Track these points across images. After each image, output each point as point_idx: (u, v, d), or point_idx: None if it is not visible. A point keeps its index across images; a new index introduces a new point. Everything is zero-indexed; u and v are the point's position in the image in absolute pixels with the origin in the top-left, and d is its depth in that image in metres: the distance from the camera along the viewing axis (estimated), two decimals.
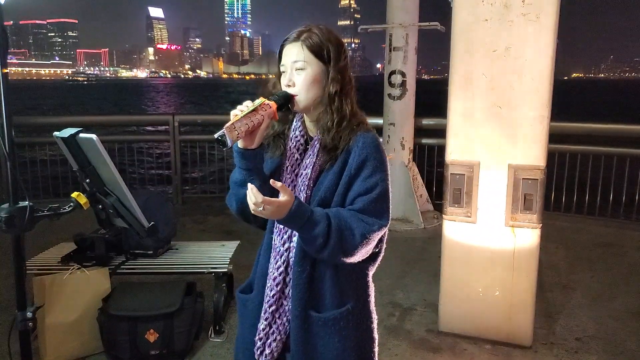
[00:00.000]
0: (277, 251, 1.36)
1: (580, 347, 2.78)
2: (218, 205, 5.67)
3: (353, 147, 1.29)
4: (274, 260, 1.36)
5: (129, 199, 1.30)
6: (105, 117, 7.19)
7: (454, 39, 2.70)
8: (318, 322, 1.32)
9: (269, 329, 1.35)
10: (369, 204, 1.26)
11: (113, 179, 1.26)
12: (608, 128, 5.21)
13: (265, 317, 1.35)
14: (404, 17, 4.81)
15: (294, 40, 1.31)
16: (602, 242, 4.48)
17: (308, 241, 1.24)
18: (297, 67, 1.30)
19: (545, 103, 2.56)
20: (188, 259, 3.05)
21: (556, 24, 2.50)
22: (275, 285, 1.34)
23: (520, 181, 2.64)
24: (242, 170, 1.30)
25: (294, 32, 1.33)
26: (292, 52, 1.31)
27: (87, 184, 1.28)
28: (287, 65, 1.32)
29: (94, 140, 1.22)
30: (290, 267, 1.34)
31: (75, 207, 1.26)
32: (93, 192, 1.28)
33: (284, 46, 1.34)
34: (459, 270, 2.85)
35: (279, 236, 1.36)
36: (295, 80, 1.30)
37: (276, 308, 1.35)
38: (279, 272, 1.34)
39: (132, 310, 2.60)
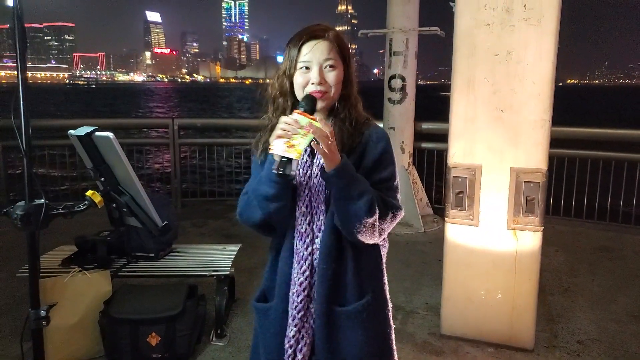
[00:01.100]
0: (300, 255, 1.35)
1: (582, 350, 2.78)
2: (217, 208, 5.67)
3: (367, 141, 1.33)
4: (298, 265, 1.35)
5: (144, 198, 1.30)
6: (103, 120, 7.18)
7: (456, 43, 2.72)
8: (342, 316, 1.33)
9: (298, 334, 1.35)
10: (388, 191, 1.34)
11: (128, 178, 1.26)
12: (606, 133, 5.24)
13: (294, 324, 1.34)
14: (405, 22, 4.84)
15: (323, 37, 1.30)
16: (601, 246, 4.49)
17: (353, 199, 1.23)
18: (330, 64, 1.30)
19: (546, 107, 2.58)
20: (189, 261, 3.05)
21: (557, 28, 2.52)
22: (302, 290, 1.34)
23: (522, 184, 2.65)
24: (276, 184, 1.25)
25: (318, 28, 1.31)
26: (322, 49, 1.29)
27: (102, 182, 1.28)
28: (315, 61, 1.29)
29: (110, 139, 1.23)
30: (314, 269, 1.34)
31: (89, 206, 1.25)
32: (107, 191, 1.28)
33: (307, 42, 1.30)
34: (461, 273, 2.85)
35: (301, 240, 1.35)
36: (327, 77, 1.30)
37: (304, 313, 1.34)
38: (304, 277, 1.34)
39: (134, 313, 2.59)
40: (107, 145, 1.25)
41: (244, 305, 3.31)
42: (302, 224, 1.34)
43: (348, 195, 1.23)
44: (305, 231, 1.34)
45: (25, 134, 1.21)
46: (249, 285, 3.61)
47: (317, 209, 1.33)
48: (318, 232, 1.34)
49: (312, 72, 1.29)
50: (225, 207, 5.72)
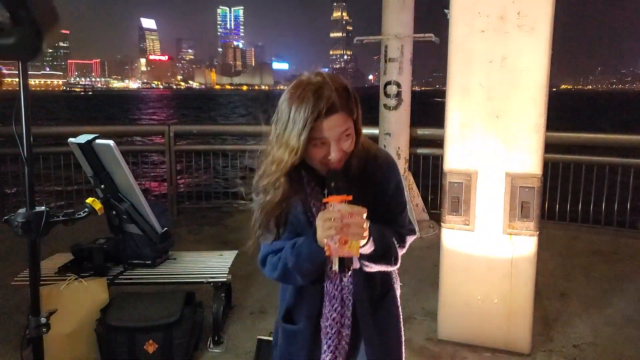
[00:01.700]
0: (331, 295, 1.38)
1: (578, 354, 2.79)
2: (213, 215, 5.67)
3: (376, 170, 1.36)
4: (330, 304, 1.38)
5: (144, 205, 1.31)
6: (99, 127, 7.17)
7: (451, 50, 2.74)
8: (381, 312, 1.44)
9: (332, 355, 1.39)
10: (403, 218, 1.43)
11: (128, 185, 1.26)
12: (599, 138, 5.29)
13: (330, 351, 1.39)
14: (400, 28, 4.87)
15: (334, 111, 1.19)
16: (596, 250, 4.52)
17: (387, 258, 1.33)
18: (346, 134, 1.23)
19: (541, 112, 2.60)
20: (186, 269, 3.04)
21: (551, 35, 2.55)
22: (335, 324, 1.38)
23: (518, 189, 2.67)
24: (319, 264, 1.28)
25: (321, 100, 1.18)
26: (338, 122, 1.21)
27: (102, 189, 1.28)
28: (333, 137, 1.21)
29: (111, 146, 1.23)
30: (343, 302, 1.38)
31: (90, 213, 1.26)
32: (107, 198, 1.28)
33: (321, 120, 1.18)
34: (458, 278, 2.87)
35: (332, 283, 1.37)
36: (344, 147, 1.24)
37: (338, 341, 1.39)
38: (337, 312, 1.38)
39: (131, 320, 2.59)
40: (108, 152, 1.26)
41: (240, 311, 3.31)
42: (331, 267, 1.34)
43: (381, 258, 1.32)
44: (334, 275, 1.36)
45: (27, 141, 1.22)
46: (246, 292, 3.61)
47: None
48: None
49: (332, 149, 1.22)
50: (221, 214, 5.71)
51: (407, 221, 1.45)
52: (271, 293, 3.58)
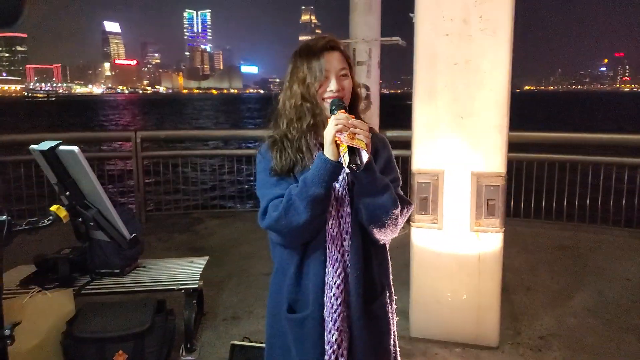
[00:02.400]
0: (334, 259, 1.37)
1: (543, 345, 2.89)
2: (183, 222, 5.59)
3: (377, 145, 1.44)
4: (333, 269, 1.36)
5: (111, 211, 1.28)
6: (63, 134, 6.96)
7: (416, 53, 2.80)
8: (372, 313, 1.42)
9: (339, 337, 1.35)
10: (398, 189, 1.46)
11: (94, 191, 1.24)
12: (560, 137, 5.49)
13: (336, 328, 1.34)
14: (367, 32, 4.93)
15: (332, 49, 1.40)
16: (559, 245, 4.68)
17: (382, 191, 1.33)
18: (344, 73, 1.40)
19: (504, 113, 2.68)
20: (156, 276, 2.99)
21: (511, 38, 2.64)
22: (340, 293, 1.35)
23: (483, 188, 2.74)
24: (327, 184, 1.28)
25: (326, 40, 1.40)
26: (336, 59, 1.39)
27: (67, 197, 1.25)
28: (332, 71, 1.39)
29: (75, 152, 1.20)
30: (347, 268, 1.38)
31: (54, 221, 1.22)
32: (73, 205, 1.25)
33: (322, 54, 1.38)
34: (428, 276, 2.92)
35: (334, 244, 1.37)
36: (344, 85, 1.40)
37: (343, 315, 1.36)
38: (340, 279, 1.36)
39: (99, 331, 2.52)
40: (72, 159, 1.23)
41: (213, 318, 3.28)
42: (333, 227, 1.37)
43: (376, 189, 1.32)
44: (336, 234, 1.37)
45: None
46: (218, 298, 3.57)
47: (343, 212, 1.38)
48: (345, 235, 1.38)
49: (331, 81, 1.39)
50: (191, 220, 5.64)
51: (402, 193, 1.48)
52: (243, 299, 3.56)
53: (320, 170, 1.27)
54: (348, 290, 1.37)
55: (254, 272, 4.04)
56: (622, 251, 4.48)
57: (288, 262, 1.42)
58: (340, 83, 1.39)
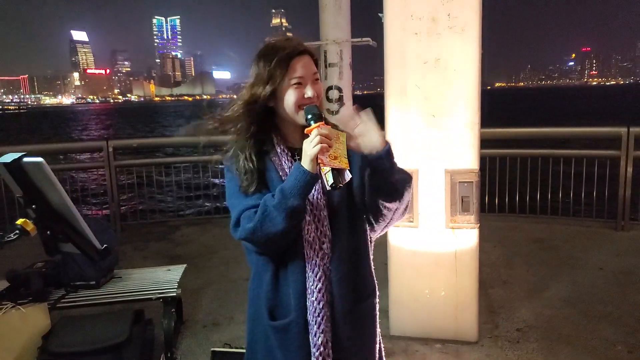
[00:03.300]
0: (313, 263, 1.34)
1: (521, 337, 2.94)
2: (159, 230, 5.51)
3: None
4: (313, 273, 1.34)
5: (80, 222, 1.25)
6: (33, 147, 6.79)
7: (387, 53, 2.82)
8: (360, 313, 1.41)
9: (323, 337, 1.34)
10: None
11: (62, 203, 1.21)
12: (532, 132, 5.61)
13: (321, 330, 1.33)
14: (337, 33, 4.94)
15: (305, 53, 1.36)
16: (534, 238, 4.77)
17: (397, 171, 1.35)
18: (315, 77, 1.38)
19: (474, 110, 2.72)
20: (133, 286, 2.94)
21: (480, 35, 2.68)
22: (322, 297, 1.33)
23: (457, 184, 2.78)
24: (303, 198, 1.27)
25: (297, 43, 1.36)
26: (309, 64, 1.36)
27: (33, 209, 1.21)
28: (307, 77, 1.35)
29: (41, 164, 1.17)
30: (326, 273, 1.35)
31: (21, 235, 1.19)
32: (40, 218, 1.22)
33: (295, 57, 1.34)
34: (406, 275, 2.94)
35: (311, 248, 1.35)
36: (317, 91, 1.37)
37: (326, 318, 1.34)
38: (321, 282, 1.33)
39: (76, 345, 2.46)
40: (38, 170, 1.19)
41: (193, 326, 3.24)
42: (310, 232, 1.35)
43: (395, 168, 1.35)
44: (313, 239, 1.34)
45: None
46: (197, 305, 3.53)
47: (320, 216, 1.36)
48: (324, 238, 1.36)
49: (307, 87, 1.35)
50: (166, 228, 5.56)
51: None
52: (223, 305, 3.52)
53: (299, 182, 1.26)
54: (331, 291, 1.35)
55: (234, 277, 4.01)
56: (594, 242, 4.60)
57: (264, 269, 1.40)
58: (315, 88, 1.37)
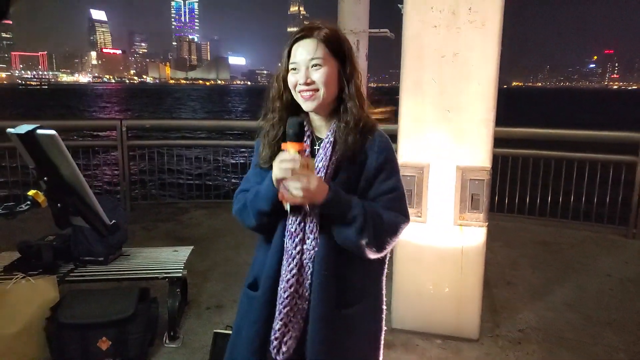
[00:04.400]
0: (289, 254, 1.35)
1: (522, 338, 2.94)
2: (168, 211, 5.56)
3: (369, 148, 1.33)
4: (287, 263, 1.35)
5: (90, 196, 1.27)
6: (48, 122, 6.86)
7: (404, 45, 2.80)
8: (342, 319, 1.36)
9: (284, 328, 1.35)
10: (390, 202, 1.34)
11: (73, 176, 1.23)
12: (546, 133, 5.53)
13: (280, 318, 1.35)
14: (355, 23, 4.91)
15: (308, 36, 1.30)
16: (541, 240, 4.75)
17: (346, 224, 1.27)
18: (314, 63, 1.29)
19: (490, 107, 2.70)
20: (140, 264, 2.99)
21: (500, 31, 2.63)
22: (289, 287, 1.34)
23: (468, 182, 2.77)
24: (273, 204, 1.29)
25: (305, 28, 1.31)
26: (307, 49, 1.29)
27: (45, 181, 1.24)
28: (302, 62, 1.29)
29: (54, 137, 1.19)
30: (303, 268, 1.35)
31: (32, 206, 1.21)
32: (51, 190, 1.24)
33: (295, 43, 1.31)
34: (411, 269, 2.95)
35: (291, 240, 1.35)
36: (313, 77, 1.29)
37: (290, 308, 1.35)
38: (291, 274, 1.34)
39: (83, 317, 2.52)
40: (51, 143, 1.21)
41: (197, 307, 3.28)
42: (293, 223, 1.34)
43: (338, 222, 1.28)
44: (295, 231, 1.34)
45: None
46: (201, 287, 3.57)
47: (310, 211, 1.34)
48: (310, 234, 1.33)
49: (300, 72, 1.30)
50: (175, 210, 5.61)
51: (397, 206, 1.36)
52: (228, 288, 3.56)
53: (268, 193, 1.30)
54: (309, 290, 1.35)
55: (240, 261, 4.04)
56: (603, 247, 4.56)
57: (260, 240, 1.47)
58: (309, 74, 1.29)
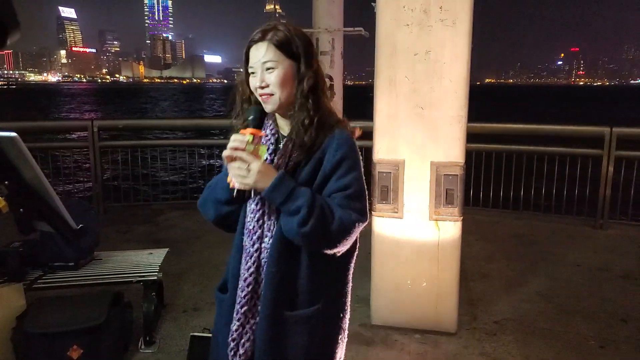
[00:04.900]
0: (247, 252, 1.35)
1: (498, 329, 2.99)
2: (142, 213, 5.46)
3: (328, 146, 1.31)
4: (245, 262, 1.35)
5: (55, 200, 1.22)
6: (15, 124, 6.64)
7: (378, 43, 2.80)
8: (290, 321, 1.33)
9: (242, 329, 1.34)
10: (344, 199, 1.28)
11: (36, 179, 1.18)
12: (518, 128, 5.63)
13: (237, 318, 1.33)
14: (330, 22, 4.90)
15: (260, 39, 1.30)
16: (515, 233, 4.83)
17: (290, 214, 1.24)
18: (267, 66, 1.29)
19: (462, 104, 2.73)
20: (114, 268, 2.92)
21: (470, 29, 2.67)
22: (246, 286, 1.33)
23: (442, 177, 2.79)
24: (230, 192, 1.29)
25: (258, 31, 1.31)
26: (259, 52, 1.29)
27: (6, 186, 1.18)
28: (257, 66, 1.30)
29: (14, 139, 1.13)
30: (261, 267, 1.33)
31: None
32: (13, 195, 1.18)
33: (250, 47, 1.32)
34: (388, 264, 2.96)
35: (249, 237, 1.34)
36: (267, 80, 1.29)
37: (248, 308, 1.34)
38: (249, 273, 1.33)
39: (51, 326, 2.44)
40: (11, 145, 1.16)
41: (174, 310, 3.22)
42: (251, 221, 1.34)
43: (284, 212, 1.26)
44: (253, 228, 1.33)
45: None
46: (178, 290, 3.52)
47: (269, 209, 1.33)
48: (268, 232, 1.33)
49: (257, 76, 1.31)
50: (151, 212, 5.52)
51: (353, 204, 1.29)
52: (204, 289, 3.51)
53: (224, 181, 1.32)
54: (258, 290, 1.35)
55: (216, 262, 3.99)
56: (573, 239, 4.67)
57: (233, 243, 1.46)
58: (264, 78, 1.29)
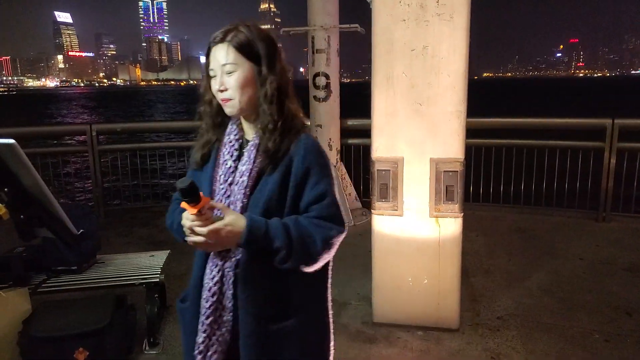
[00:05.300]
0: (213, 262, 1.31)
1: (501, 325, 2.99)
2: (143, 216, 5.46)
3: (295, 152, 1.25)
4: (209, 271, 1.30)
5: (54, 206, 1.23)
6: (14, 129, 6.65)
7: (374, 39, 2.80)
8: (277, 334, 1.28)
9: (208, 341, 1.30)
10: (323, 210, 1.25)
11: (35, 186, 1.18)
12: (517, 122, 5.63)
13: (203, 330, 1.29)
14: (325, 19, 4.91)
15: (220, 41, 1.24)
16: (517, 228, 4.83)
17: (270, 254, 1.21)
18: (227, 69, 1.24)
19: (461, 99, 2.72)
20: (116, 271, 2.92)
21: (468, 23, 2.65)
22: (211, 296, 1.28)
23: (442, 174, 2.79)
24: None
25: (219, 32, 1.25)
26: (219, 54, 1.24)
27: (6, 192, 1.18)
28: (216, 68, 1.25)
29: (12, 146, 1.14)
30: (225, 277, 1.29)
31: None
32: (13, 201, 1.19)
33: (211, 48, 1.26)
34: (389, 262, 2.96)
35: None
36: (226, 83, 1.25)
37: (214, 319, 1.29)
38: (214, 283, 1.29)
39: (57, 330, 2.45)
40: (10, 152, 1.16)
41: (176, 312, 3.23)
42: None
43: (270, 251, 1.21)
44: None
45: None
46: (181, 291, 3.50)
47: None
48: None
49: (216, 78, 1.26)
50: (151, 214, 5.52)
51: (330, 214, 1.27)
52: None
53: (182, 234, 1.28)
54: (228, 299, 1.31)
55: None
56: (575, 232, 4.67)
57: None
58: (223, 80, 1.25)
